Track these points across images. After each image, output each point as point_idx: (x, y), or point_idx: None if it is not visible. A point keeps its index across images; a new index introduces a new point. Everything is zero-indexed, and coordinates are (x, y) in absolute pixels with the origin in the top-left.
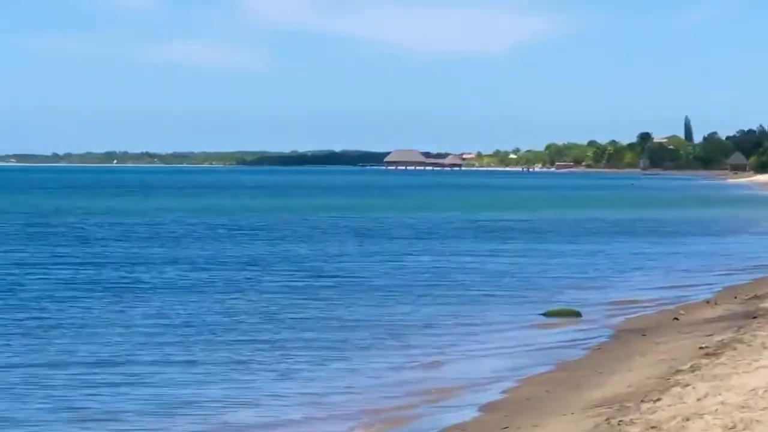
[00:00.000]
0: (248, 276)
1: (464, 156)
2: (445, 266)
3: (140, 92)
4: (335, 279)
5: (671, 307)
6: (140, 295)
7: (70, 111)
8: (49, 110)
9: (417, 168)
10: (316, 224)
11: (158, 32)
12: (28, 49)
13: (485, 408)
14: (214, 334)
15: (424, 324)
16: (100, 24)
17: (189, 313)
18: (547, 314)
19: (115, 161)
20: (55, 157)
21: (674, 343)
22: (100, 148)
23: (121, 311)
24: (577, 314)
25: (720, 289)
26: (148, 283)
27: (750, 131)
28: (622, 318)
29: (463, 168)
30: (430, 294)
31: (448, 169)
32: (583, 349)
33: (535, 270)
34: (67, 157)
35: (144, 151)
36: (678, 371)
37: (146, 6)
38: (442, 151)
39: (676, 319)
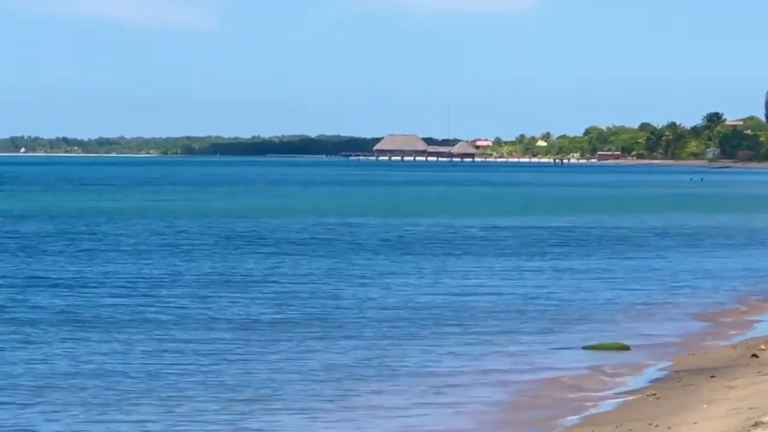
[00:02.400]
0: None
1: (478, 143)
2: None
3: (54, 60)
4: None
5: (749, 338)
6: None
7: None
8: None
9: (417, 158)
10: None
11: None
12: None
13: None
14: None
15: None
16: None
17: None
18: (586, 348)
19: (22, 149)
20: None
21: (753, 387)
22: (1, 133)
23: None
24: (625, 348)
25: None
26: None
27: None
28: (684, 354)
29: (476, 159)
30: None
31: (458, 160)
32: (633, 394)
33: (567, 292)
34: None
35: (60, 136)
36: (757, 424)
37: None
38: (450, 137)
39: (755, 356)
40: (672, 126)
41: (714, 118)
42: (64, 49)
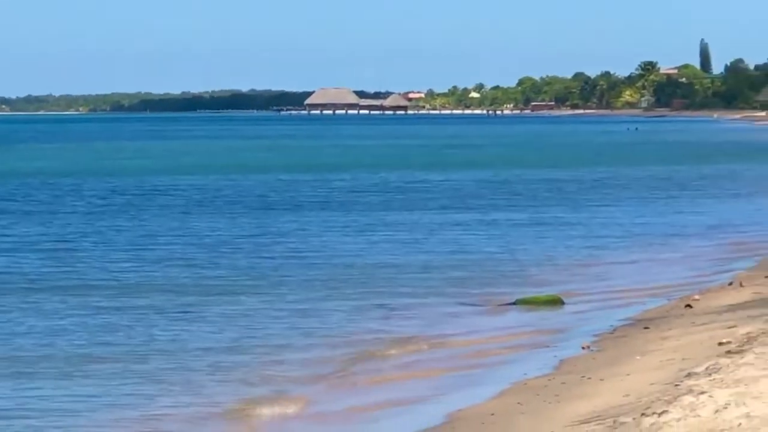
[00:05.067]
0: None
1: (411, 96)
2: (370, 243)
3: None
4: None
5: (682, 291)
6: None
7: None
8: None
9: (348, 112)
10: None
11: None
12: None
13: (441, 427)
14: None
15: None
16: None
17: None
18: (517, 303)
19: None
20: None
21: (686, 338)
22: None
23: None
24: (559, 302)
25: (747, 266)
26: None
27: None
28: (617, 306)
29: (409, 112)
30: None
31: (390, 113)
32: (567, 348)
33: (496, 246)
34: None
35: None
36: (690, 375)
37: None
38: (382, 90)
39: (689, 306)
40: (606, 75)
41: (648, 67)
42: None
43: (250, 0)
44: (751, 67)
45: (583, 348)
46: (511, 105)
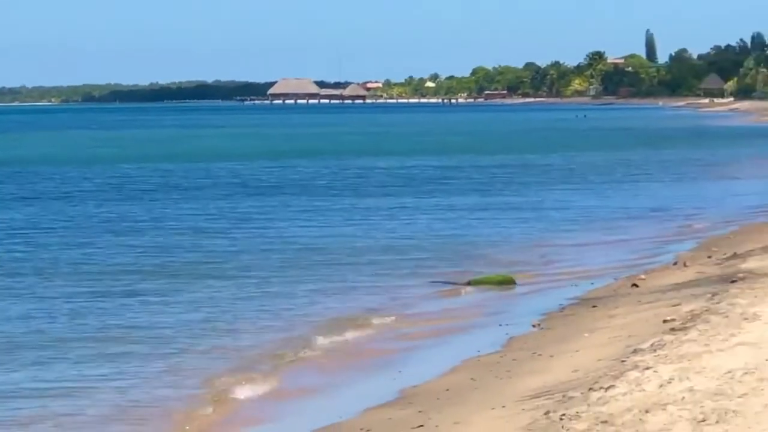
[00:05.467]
0: None
1: (369, 85)
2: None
3: None
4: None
5: (629, 271)
6: None
7: None
8: None
9: (310, 101)
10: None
11: None
12: None
13: (394, 401)
14: None
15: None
16: None
17: None
18: (471, 283)
19: None
20: None
21: (632, 316)
22: None
23: None
24: (511, 282)
25: (691, 246)
26: None
27: (728, 47)
28: (566, 286)
29: (368, 101)
30: (320, 262)
31: (350, 102)
32: (518, 326)
33: (450, 229)
34: None
35: None
36: (636, 351)
37: None
38: (341, 80)
39: (635, 285)
40: (556, 65)
41: (596, 57)
42: None
43: None
44: (695, 56)
45: (533, 326)
46: (465, 94)
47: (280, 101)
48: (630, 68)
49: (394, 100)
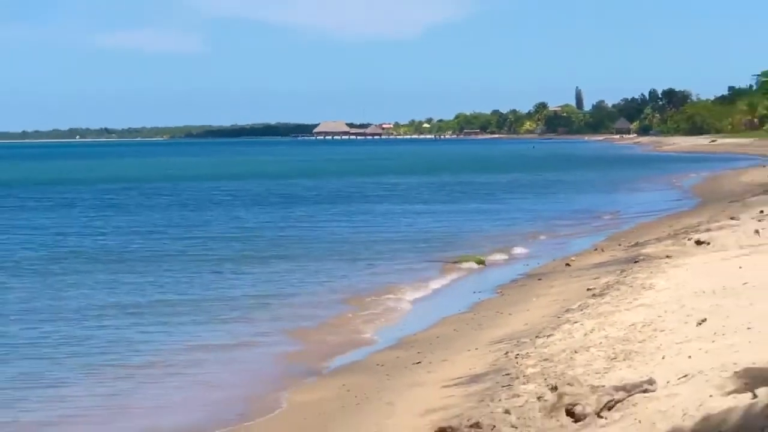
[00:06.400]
0: None
1: (383, 126)
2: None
3: (97, 75)
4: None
5: (563, 254)
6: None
7: (35, 93)
8: (16, 93)
9: (342, 137)
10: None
11: (109, 21)
12: None
13: (400, 345)
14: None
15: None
16: (52, 15)
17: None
18: (454, 262)
19: (77, 137)
20: (24, 134)
21: (566, 286)
22: (64, 126)
23: None
24: (482, 262)
25: (605, 237)
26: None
27: (633, 99)
28: (520, 265)
29: (383, 137)
30: (349, 249)
31: (370, 137)
32: (486, 292)
33: (440, 226)
34: (36, 134)
35: (102, 127)
36: (568, 310)
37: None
38: (365, 122)
39: (568, 265)
40: (513, 111)
41: (541, 106)
42: (109, 67)
43: (283, 62)
44: (610, 105)
45: (497, 293)
46: (451, 132)
47: (322, 137)
48: (564, 114)
49: (401, 136)
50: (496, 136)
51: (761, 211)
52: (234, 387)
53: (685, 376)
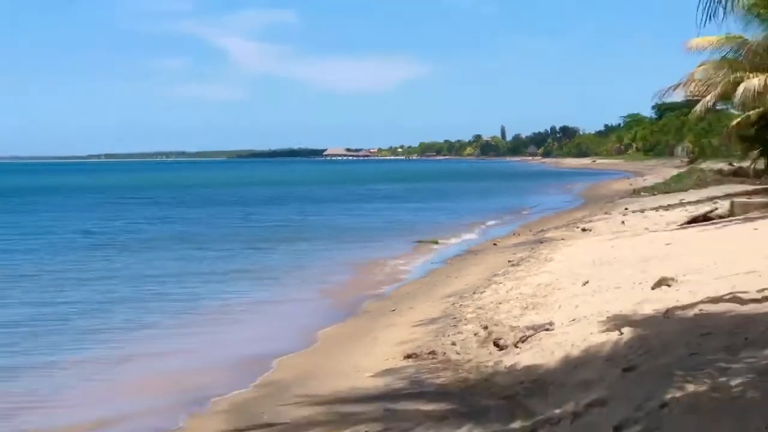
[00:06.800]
0: None
1: (371, 150)
2: (353, 217)
3: (177, 114)
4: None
5: (492, 236)
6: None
7: (137, 126)
8: (125, 123)
9: (343, 158)
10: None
11: (186, 78)
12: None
13: (382, 298)
14: None
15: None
16: (146, 75)
17: None
18: (419, 242)
19: (164, 157)
20: (129, 155)
21: (493, 259)
22: (152, 149)
23: None
24: (436, 242)
25: (520, 225)
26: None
27: (540, 132)
28: (463, 244)
29: (370, 157)
30: (352, 234)
31: (362, 158)
32: (439, 263)
33: (410, 218)
34: (139, 155)
35: (180, 150)
36: (495, 275)
37: (176, 63)
38: (359, 147)
39: (495, 244)
40: (458, 140)
41: (477, 137)
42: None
43: (301, 104)
44: (524, 136)
45: (447, 263)
46: (416, 154)
47: (329, 158)
48: (493, 142)
49: (383, 157)
50: (447, 157)
51: (626, 209)
52: (284, 328)
53: (574, 319)
